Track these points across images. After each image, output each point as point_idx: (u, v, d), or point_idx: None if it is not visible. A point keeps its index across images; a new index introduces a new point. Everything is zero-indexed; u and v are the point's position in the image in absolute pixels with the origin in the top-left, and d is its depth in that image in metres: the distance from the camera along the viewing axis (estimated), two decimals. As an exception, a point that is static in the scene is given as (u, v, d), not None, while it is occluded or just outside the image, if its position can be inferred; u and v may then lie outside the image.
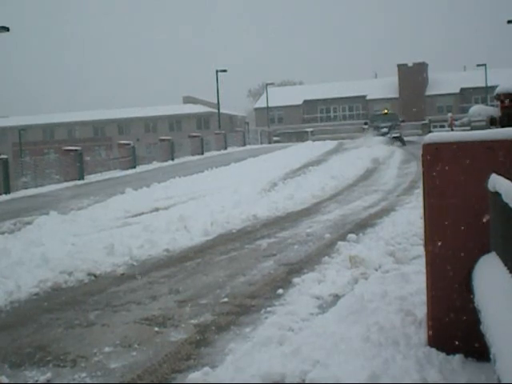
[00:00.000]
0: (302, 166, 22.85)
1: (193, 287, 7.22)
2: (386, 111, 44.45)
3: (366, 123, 43.06)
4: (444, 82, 72.46)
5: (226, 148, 41.09)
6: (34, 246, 9.36)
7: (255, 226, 11.22)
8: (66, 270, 7.92)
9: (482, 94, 63.07)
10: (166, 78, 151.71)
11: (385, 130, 38.95)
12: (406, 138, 44.04)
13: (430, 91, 73.18)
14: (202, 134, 43.97)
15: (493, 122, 6.82)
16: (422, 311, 4.45)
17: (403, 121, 43.18)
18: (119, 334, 5.61)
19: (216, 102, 53.22)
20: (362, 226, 10.51)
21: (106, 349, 5.22)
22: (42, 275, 7.66)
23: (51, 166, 27.03)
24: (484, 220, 3.77)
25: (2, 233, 11.42)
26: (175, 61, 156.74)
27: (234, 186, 16.02)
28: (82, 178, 25.72)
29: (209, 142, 40.90)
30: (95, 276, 7.99)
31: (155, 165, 30.67)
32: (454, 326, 4.00)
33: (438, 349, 4.03)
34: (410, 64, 73.00)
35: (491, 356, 2.69)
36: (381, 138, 37.14)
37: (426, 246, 4.22)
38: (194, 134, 40.81)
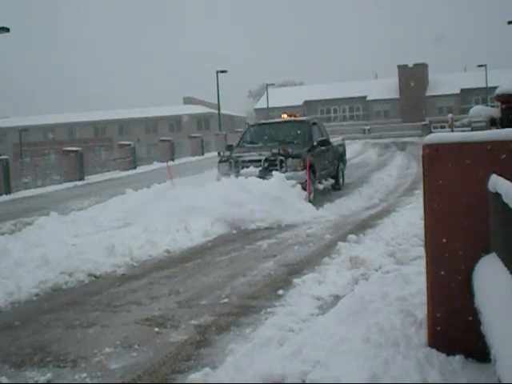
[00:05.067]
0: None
1: (193, 288, 7.22)
2: (286, 115, 17.39)
3: (229, 147, 16.22)
4: (444, 82, 72.50)
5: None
6: (34, 246, 9.36)
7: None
8: (66, 270, 7.92)
9: (483, 94, 63.09)
10: (166, 79, 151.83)
11: (251, 169, 13.89)
12: (405, 140, 40.62)
13: (430, 92, 73.21)
14: (203, 134, 43.99)
15: (493, 123, 6.81)
16: (422, 312, 4.45)
17: (325, 142, 15.72)
18: (119, 335, 5.60)
19: (216, 102, 53.24)
20: (363, 226, 10.51)
21: (107, 349, 5.21)
22: (42, 276, 7.66)
23: (51, 167, 27.08)
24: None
25: (3, 233, 11.43)
26: (175, 61, 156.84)
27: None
28: (82, 178, 25.74)
29: (209, 143, 40.90)
30: (95, 277, 8.00)
31: (155, 165, 30.68)
32: (455, 327, 4.00)
33: (438, 349, 4.03)
34: (411, 65, 73.04)
35: (492, 357, 2.69)
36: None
37: (426, 246, 4.21)
38: (195, 135, 40.83)
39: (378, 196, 14.69)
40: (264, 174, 13.49)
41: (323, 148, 15.34)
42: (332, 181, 16.05)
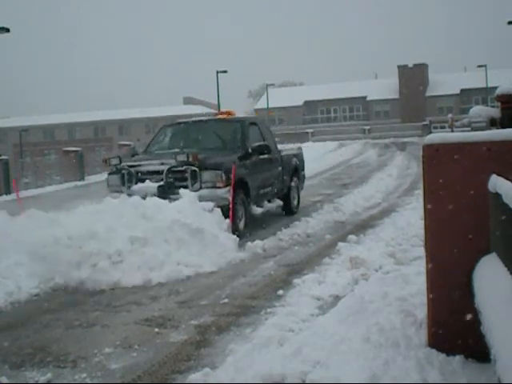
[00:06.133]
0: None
1: (193, 288, 7.21)
2: (221, 113, 13.53)
3: (134, 154, 12.09)
4: (444, 82, 72.52)
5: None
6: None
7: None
8: (66, 270, 7.88)
9: (483, 94, 63.08)
10: (166, 79, 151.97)
11: (147, 185, 9.79)
12: (405, 140, 40.63)
13: (430, 92, 73.24)
14: (203, 134, 43.82)
15: (493, 123, 6.80)
16: (422, 312, 4.45)
17: (266, 149, 11.36)
18: (119, 335, 5.60)
19: (216, 102, 53.23)
20: (363, 226, 10.51)
21: (107, 349, 5.21)
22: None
23: (52, 167, 27.07)
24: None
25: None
26: (175, 61, 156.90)
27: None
28: (82, 178, 25.76)
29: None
30: (95, 277, 7.97)
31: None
32: (455, 327, 4.00)
33: (438, 350, 4.03)
34: (411, 65, 73.07)
35: (491, 357, 2.69)
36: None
37: (426, 246, 4.21)
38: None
39: (378, 196, 14.67)
40: (165, 191, 9.61)
41: (263, 157, 11.32)
42: (280, 202, 12.17)
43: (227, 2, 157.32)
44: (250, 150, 10.91)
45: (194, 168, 9.75)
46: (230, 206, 9.54)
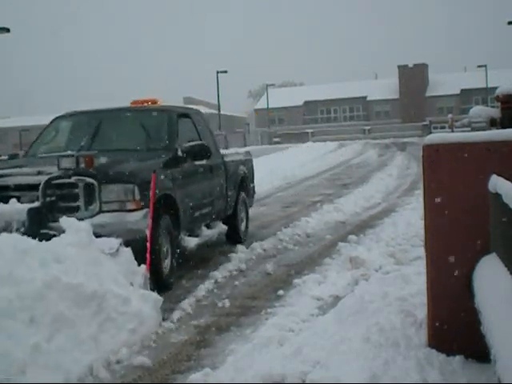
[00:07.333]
0: (302, 165, 22.86)
1: (193, 288, 7.19)
2: (138, 102, 9.31)
3: (12, 157, 8.16)
4: (444, 83, 72.58)
5: (227, 148, 41.20)
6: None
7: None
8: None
9: (483, 94, 63.12)
10: (166, 79, 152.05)
11: (10, 209, 6.00)
12: (405, 140, 40.58)
13: (430, 92, 73.29)
14: (203, 134, 43.89)
15: (493, 123, 6.81)
16: (422, 312, 4.45)
17: (203, 151, 7.83)
18: (120, 335, 5.58)
19: (216, 102, 53.30)
20: (363, 227, 10.51)
21: (107, 349, 5.20)
22: (42, 276, 7.54)
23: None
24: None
25: (3, 233, 11.38)
26: (175, 61, 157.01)
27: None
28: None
29: (209, 143, 40.92)
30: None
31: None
32: (455, 327, 4.00)
33: (438, 350, 4.03)
34: (411, 65, 73.14)
35: (492, 357, 2.69)
36: None
37: (426, 246, 4.22)
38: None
39: (378, 196, 14.66)
40: (42, 218, 6.21)
41: (200, 164, 8.14)
42: (223, 227, 9.16)
43: (227, 2, 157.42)
44: (180, 153, 7.65)
45: (88, 180, 6.30)
46: (148, 241, 6.10)
